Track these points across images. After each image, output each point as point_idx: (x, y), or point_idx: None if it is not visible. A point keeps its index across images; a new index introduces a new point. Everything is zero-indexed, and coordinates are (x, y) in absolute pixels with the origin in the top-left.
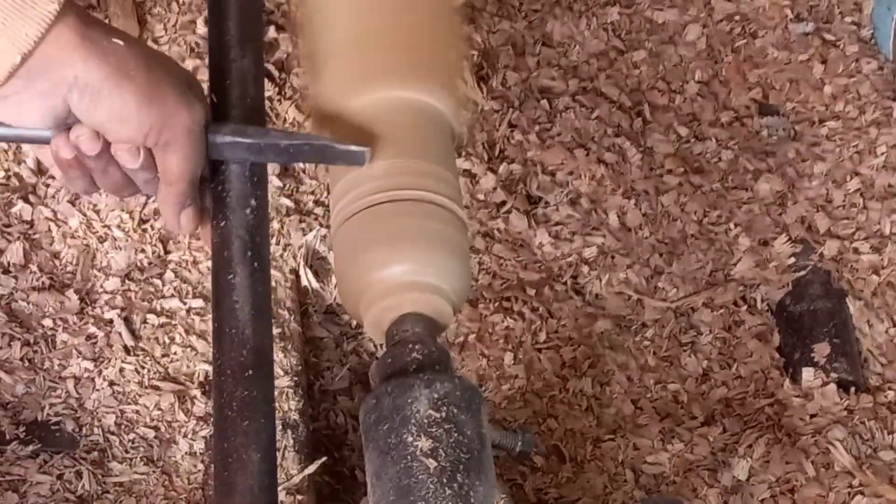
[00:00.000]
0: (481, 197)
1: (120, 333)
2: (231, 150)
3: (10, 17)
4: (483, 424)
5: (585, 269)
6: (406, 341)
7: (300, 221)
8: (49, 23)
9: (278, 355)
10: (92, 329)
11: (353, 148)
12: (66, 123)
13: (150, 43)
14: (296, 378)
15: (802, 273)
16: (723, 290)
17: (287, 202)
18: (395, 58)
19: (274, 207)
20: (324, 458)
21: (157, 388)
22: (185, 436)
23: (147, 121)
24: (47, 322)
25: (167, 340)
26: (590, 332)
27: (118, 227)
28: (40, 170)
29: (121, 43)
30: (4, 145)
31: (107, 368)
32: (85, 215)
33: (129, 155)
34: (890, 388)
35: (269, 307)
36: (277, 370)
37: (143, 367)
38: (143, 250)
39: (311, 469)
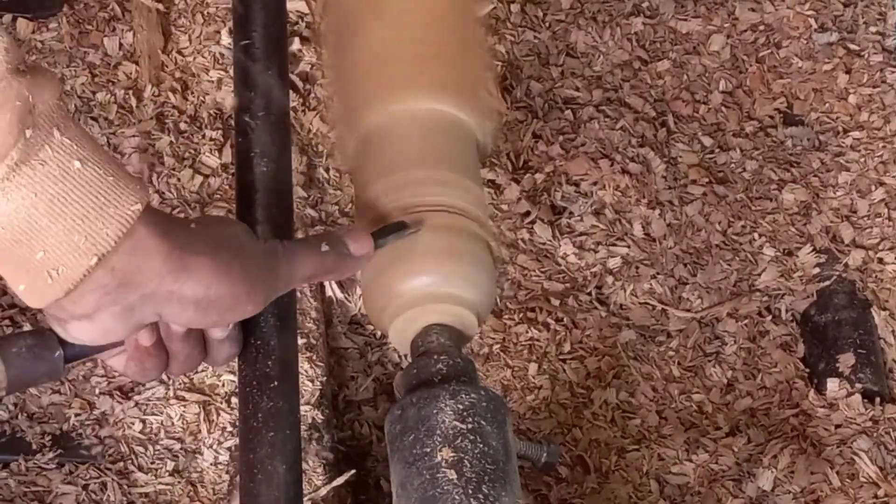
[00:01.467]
0: (505, 207)
1: None
2: None
3: (90, 216)
4: (508, 435)
5: (610, 279)
6: (431, 352)
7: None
8: (131, 223)
9: (303, 366)
10: None
11: (400, 232)
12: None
13: (174, 55)
14: (321, 388)
15: (827, 283)
16: (747, 301)
17: (312, 213)
18: (418, 69)
19: (298, 218)
20: (352, 472)
21: (182, 398)
22: (210, 447)
23: (261, 296)
24: None
25: None
26: (614, 342)
27: None
28: None
29: (197, 229)
30: None
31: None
32: None
33: (221, 327)
34: None
35: (294, 318)
36: (303, 381)
37: (168, 378)
38: None
39: (339, 482)
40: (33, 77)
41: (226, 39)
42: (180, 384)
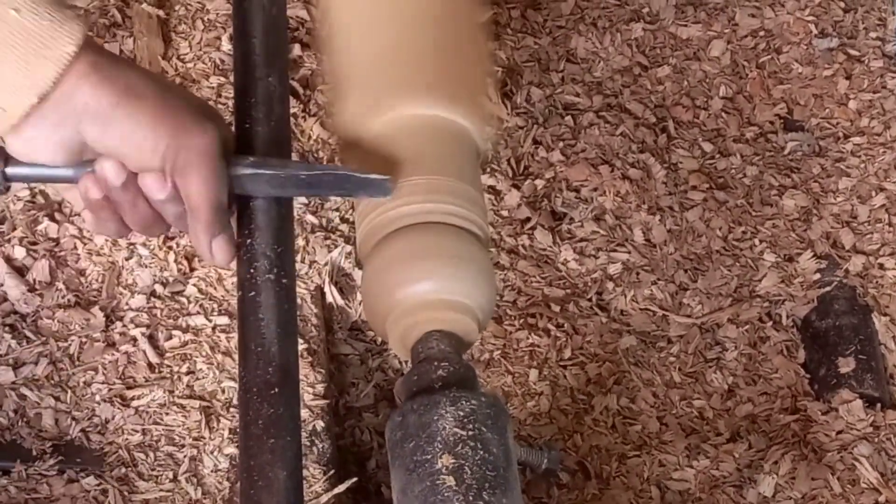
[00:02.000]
0: (506, 213)
1: (145, 351)
2: (253, 183)
3: (28, 57)
4: (509, 442)
5: (610, 285)
6: (432, 358)
7: (325, 238)
8: (67, 63)
9: (304, 372)
10: (117, 346)
11: (375, 176)
12: (83, 160)
13: (175, 61)
14: (322, 395)
15: (828, 289)
16: (748, 307)
17: (312, 219)
18: (419, 75)
19: (299, 224)
20: (354, 480)
21: (182, 405)
22: (210, 453)
23: (162, 142)
24: (73, 339)
25: (192, 358)
26: (615, 348)
27: (143, 244)
28: None
29: (130, 69)
30: None
31: (132, 386)
32: None
33: (156, 183)
34: None
35: (295, 324)
36: (303, 387)
37: (168, 385)
38: (167, 267)
39: (340, 489)
40: None
41: (226, 45)
42: (181, 391)
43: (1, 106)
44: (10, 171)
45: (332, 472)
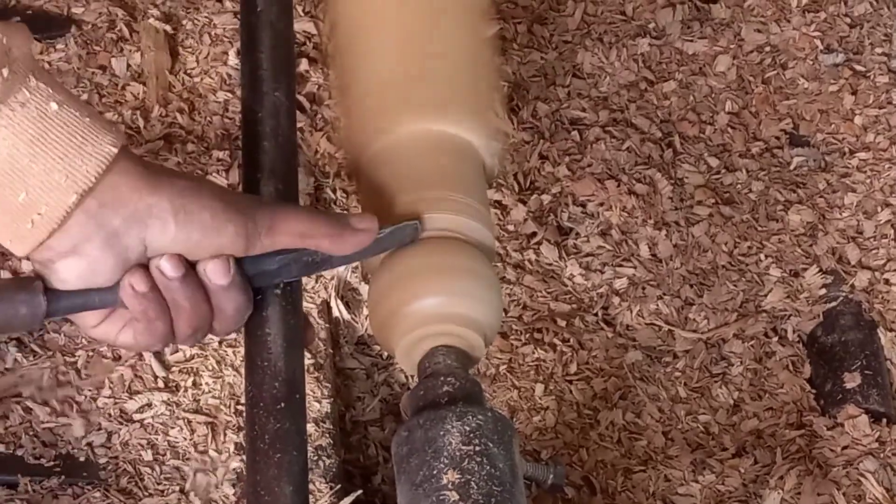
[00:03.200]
0: (512, 228)
1: (151, 365)
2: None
3: (69, 155)
4: (515, 457)
5: (616, 300)
6: (438, 373)
7: None
8: (109, 160)
9: (310, 386)
10: (123, 361)
11: (402, 224)
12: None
13: (181, 75)
14: (328, 409)
15: (833, 304)
16: (753, 322)
17: None
18: (425, 91)
19: None
20: (358, 492)
21: (188, 420)
22: (216, 468)
23: (240, 217)
24: (80, 353)
25: (199, 372)
26: (620, 363)
27: None
28: None
29: (163, 168)
30: None
31: (138, 400)
32: None
33: (220, 267)
34: None
35: (301, 339)
36: (309, 401)
37: (174, 399)
38: None
39: (346, 502)
40: (5, 24)
41: (233, 60)
42: (187, 405)
43: (37, 211)
44: (53, 303)
45: (338, 486)
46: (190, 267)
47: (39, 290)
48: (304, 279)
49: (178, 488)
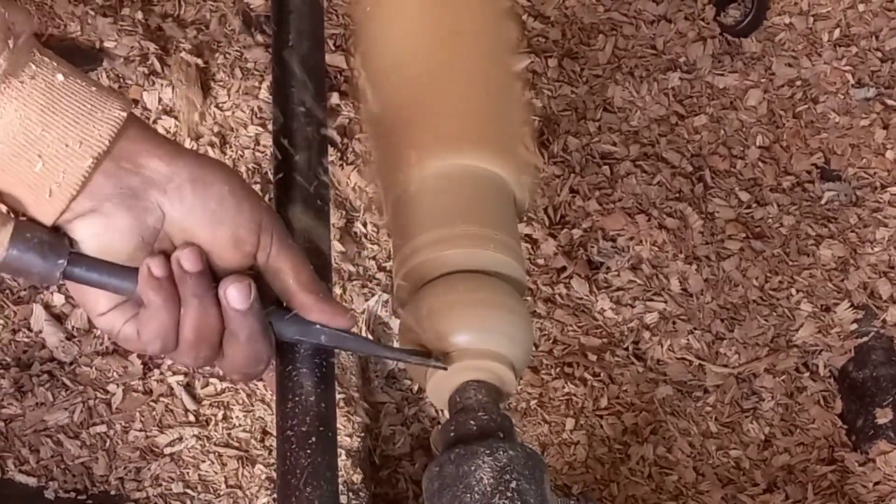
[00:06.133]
0: (542, 262)
1: (182, 398)
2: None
3: (80, 122)
4: (546, 492)
5: (647, 334)
6: (469, 409)
7: (362, 287)
8: (119, 124)
9: (341, 421)
10: (154, 394)
11: (431, 363)
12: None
13: (213, 109)
14: (359, 444)
15: (865, 339)
16: (785, 356)
17: (349, 267)
18: (456, 125)
19: (336, 272)
20: None
21: (219, 454)
22: (247, 502)
23: (256, 216)
24: (111, 387)
25: (230, 405)
26: (651, 397)
27: None
28: None
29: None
30: None
31: (169, 434)
32: None
33: (241, 292)
34: None
35: (333, 374)
36: (340, 436)
37: (205, 433)
38: None
39: None
40: (6, 2)
41: (264, 94)
42: (218, 439)
43: (55, 179)
44: (72, 264)
45: None
46: (210, 271)
47: (65, 244)
48: None
49: None
